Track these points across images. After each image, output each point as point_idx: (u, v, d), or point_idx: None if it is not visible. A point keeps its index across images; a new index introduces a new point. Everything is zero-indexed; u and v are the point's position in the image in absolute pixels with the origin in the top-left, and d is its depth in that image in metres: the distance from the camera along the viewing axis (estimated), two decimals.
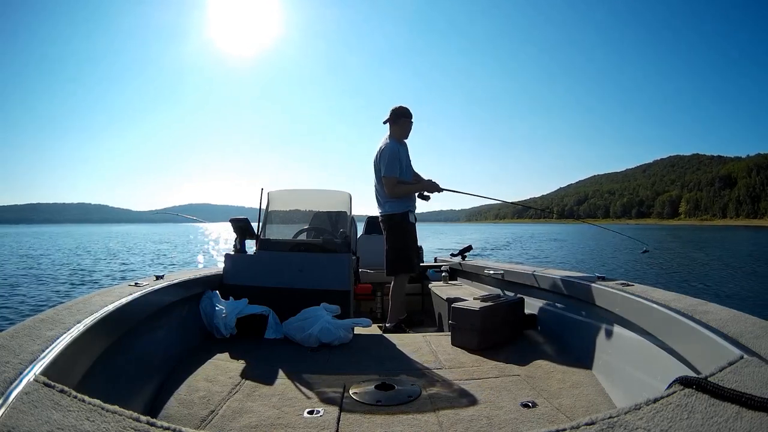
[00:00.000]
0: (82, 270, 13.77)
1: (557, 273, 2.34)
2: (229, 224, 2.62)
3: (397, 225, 2.95)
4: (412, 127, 3.05)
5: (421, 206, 3.19)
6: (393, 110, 2.99)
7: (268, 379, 1.57)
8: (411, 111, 3.02)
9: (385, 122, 3.01)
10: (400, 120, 2.97)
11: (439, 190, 3.05)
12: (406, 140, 3.07)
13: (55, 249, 24.22)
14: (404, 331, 2.76)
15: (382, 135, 3.05)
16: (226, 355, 1.85)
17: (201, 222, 6.73)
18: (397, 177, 2.88)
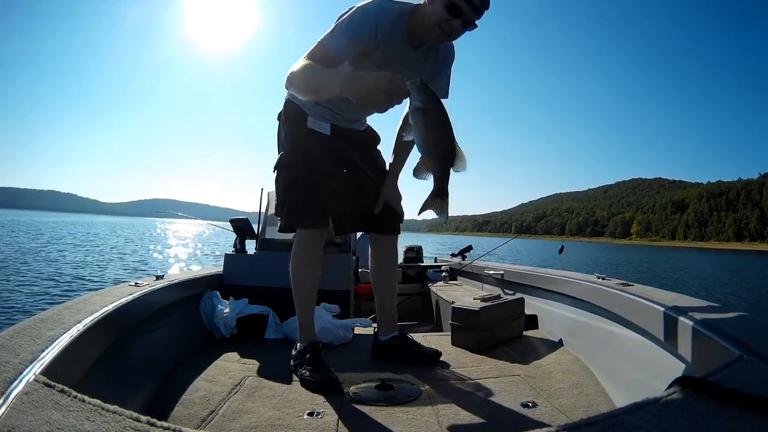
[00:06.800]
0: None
1: (557, 273, 2.34)
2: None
3: (284, 125, 1.72)
4: (456, 34, 1.37)
5: None
6: None
7: (269, 380, 1.57)
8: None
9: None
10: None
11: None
12: (435, 43, 1.48)
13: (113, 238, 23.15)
14: None
15: None
16: (226, 355, 1.85)
17: (192, 218, 6.55)
18: (334, 53, 1.28)
